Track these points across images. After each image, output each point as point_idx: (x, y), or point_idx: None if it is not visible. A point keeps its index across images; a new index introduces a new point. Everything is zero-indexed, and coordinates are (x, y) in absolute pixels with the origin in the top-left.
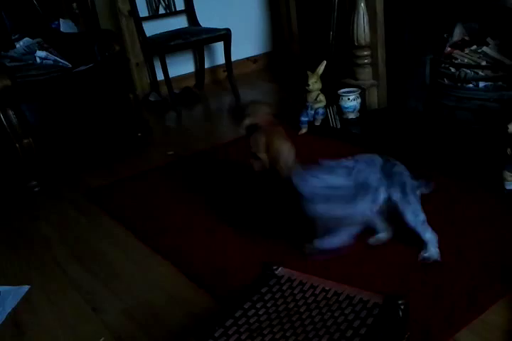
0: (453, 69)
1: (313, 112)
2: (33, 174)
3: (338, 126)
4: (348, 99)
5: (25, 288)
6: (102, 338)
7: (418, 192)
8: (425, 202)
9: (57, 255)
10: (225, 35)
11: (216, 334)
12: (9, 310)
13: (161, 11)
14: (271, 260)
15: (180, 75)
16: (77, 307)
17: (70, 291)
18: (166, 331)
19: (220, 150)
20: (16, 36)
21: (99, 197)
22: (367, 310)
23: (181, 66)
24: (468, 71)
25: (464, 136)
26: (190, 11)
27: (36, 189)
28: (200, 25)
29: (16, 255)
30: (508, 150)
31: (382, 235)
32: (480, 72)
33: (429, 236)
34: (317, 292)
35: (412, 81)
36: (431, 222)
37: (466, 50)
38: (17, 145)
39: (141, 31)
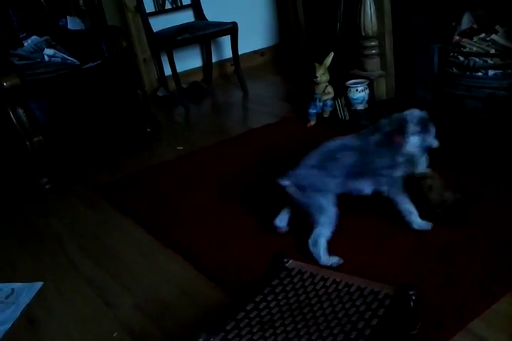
0: (461, 58)
1: (321, 104)
2: (44, 171)
3: (347, 118)
4: (357, 90)
5: (39, 284)
6: (115, 333)
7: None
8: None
9: (69, 251)
10: (231, 29)
11: (228, 328)
12: (23, 306)
13: (167, 5)
14: (282, 252)
15: (188, 70)
16: (90, 303)
17: (82, 286)
18: (177, 324)
19: (229, 144)
20: (24, 34)
21: (110, 192)
22: (378, 301)
23: (189, 61)
24: (477, 59)
25: (473, 125)
26: (196, 6)
27: (47, 186)
28: (206, 20)
29: (28, 251)
30: None
31: None
32: (489, 60)
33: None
34: (328, 284)
35: (420, 70)
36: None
37: (475, 38)
38: (27, 143)
39: (147, 27)
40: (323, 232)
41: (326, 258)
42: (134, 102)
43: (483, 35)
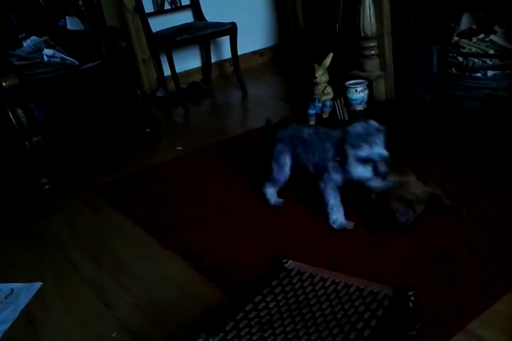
0: (461, 59)
1: (320, 105)
2: (43, 171)
3: (346, 118)
4: (356, 90)
5: (38, 284)
6: (114, 333)
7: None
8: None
9: (69, 251)
10: (230, 29)
11: (227, 328)
12: (22, 306)
13: (167, 6)
14: (281, 253)
15: (187, 70)
16: (89, 303)
17: (82, 287)
18: (177, 325)
19: (229, 144)
20: (23, 35)
21: (109, 192)
22: (377, 302)
23: (188, 61)
24: (476, 60)
25: (472, 125)
26: (195, 6)
27: (47, 186)
28: (205, 20)
29: (27, 252)
30: None
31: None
32: (488, 61)
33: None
34: (327, 284)
35: (419, 71)
36: (441, 213)
37: (474, 39)
38: (26, 143)
39: (147, 27)
40: (273, 179)
41: (272, 199)
42: (134, 102)
43: (482, 35)
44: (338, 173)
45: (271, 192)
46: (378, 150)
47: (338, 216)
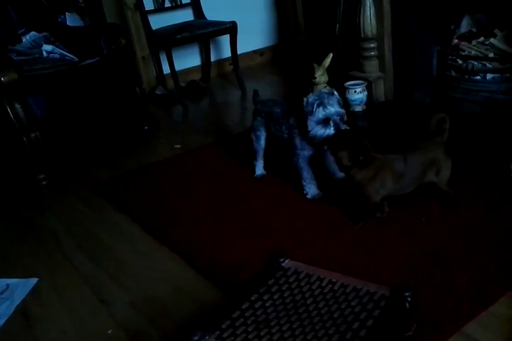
0: (460, 61)
1: None
2: (41, 167)
3: (345, 119)
4: (355, 91)
5: (34, 280)
6: (110, 330)
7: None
8: (431, 195)
9: (65, 248)
10: (230, 28)
11: (223, 326)
12: (18, 302)
13: (167, 4)
14: (278, 252)
15: (187, 69)
16: (85, 300)
17: (78, 284)
18: (173, 323)
19: (227, 143)
20: (23, 30)
21: (107, 190)
22: (373, 302)
23: (187, 59)
24: (476, 63)
25: (471, 128)
26: (196, 4)
27: (44, 182)
28: (206, 18)
29: (24, 248)
30: None
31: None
32: (487, 64)
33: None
34: (324, 284)
35: (419, 73)
36: (438, 214)
37: (474, 42)
38: (24, 138)
39: (147, 24)
40: (254, 149)
41: (257, 170)
42: (132, 100)
43: (482, 38)
44: (306, 147)
45: (257, 164)
46: (334, 109)
47: (311, 187)
